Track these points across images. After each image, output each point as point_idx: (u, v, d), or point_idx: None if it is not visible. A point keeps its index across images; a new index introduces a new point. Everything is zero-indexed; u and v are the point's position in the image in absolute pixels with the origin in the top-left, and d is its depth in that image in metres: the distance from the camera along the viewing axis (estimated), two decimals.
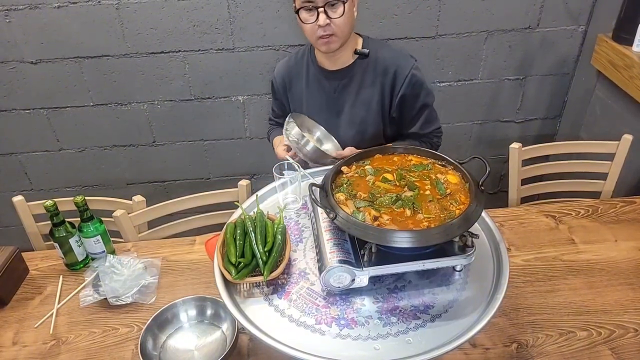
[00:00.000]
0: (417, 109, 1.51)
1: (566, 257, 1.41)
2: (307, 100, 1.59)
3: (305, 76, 1.57)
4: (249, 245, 1.02)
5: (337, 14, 1.33)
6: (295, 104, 1.63)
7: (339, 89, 1.53)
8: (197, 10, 1.99)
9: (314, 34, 1.37)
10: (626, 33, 1.84)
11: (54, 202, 1.34)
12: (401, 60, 1.47)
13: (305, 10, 1.34)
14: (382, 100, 1.50)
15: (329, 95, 1.55)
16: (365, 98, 1.51)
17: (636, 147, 1.81)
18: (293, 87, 1.61)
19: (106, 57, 2.06)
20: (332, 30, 1.35)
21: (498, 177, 2.61)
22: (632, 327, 1.20)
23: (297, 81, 1.59)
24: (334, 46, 1.39)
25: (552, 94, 2.35)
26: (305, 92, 1.58)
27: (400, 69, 1.46)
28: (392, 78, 1.47)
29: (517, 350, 1.15)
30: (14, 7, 1.91)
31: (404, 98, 1.48)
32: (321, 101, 1.57)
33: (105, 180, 2.42)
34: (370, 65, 1.48)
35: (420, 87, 1.49)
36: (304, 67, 1.57)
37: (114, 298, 1.30)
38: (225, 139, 2.33)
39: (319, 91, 1.56)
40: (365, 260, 0.93)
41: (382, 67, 1.47)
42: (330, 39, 1.37)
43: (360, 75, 1.49)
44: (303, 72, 1.57)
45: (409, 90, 1.47)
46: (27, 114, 2.18)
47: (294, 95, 1.62)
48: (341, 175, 1.09)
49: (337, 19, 1.33)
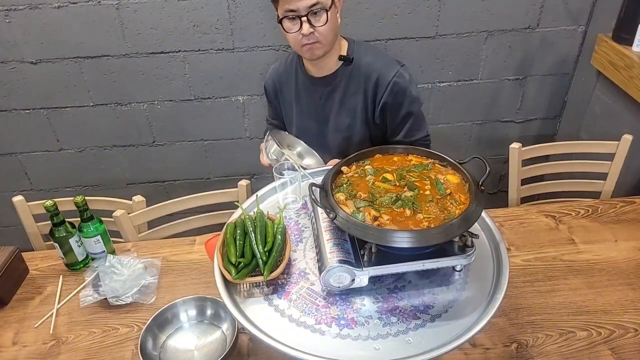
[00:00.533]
0: (400, 117, 1.48)
1: (566, 257, 1.41)
2: (297, 106, 1.59)
3: (295, 82, 1.57)
4: (249, 245, 1.02)
5: (320, 22, 1.32)
6: (286, 109, 1.63)
7: (324, 95, 1.52)
8: (197, 10, 1.99)
9: (297, 43, 1.36)
10: (626, 33, 1.84)
11: (54, 202, 1.34)
12: (384, 66, 1.44)
13: (288, 20, 1.33)
14: (366, 108, 1.49)
15: (316, 102, 1.54)
16: (350, 105, 1.50)
17: (636, 147, 1.81)
18: (284, 93, 1.61)
19: (106, 57, 2.06)
20: (316, 38, 1.34)
21: (498, 177, 2.61)
22: (632, 327, 1.20)
23: (287, 87, 1.59)
24: (318, 52, 1.38)
25: (552, 94, 2.35)
26: (295, 99, 1.58)
27: (382, 76, 1.43)
28: (374, 85, 1.44)
29: (517, 350, 1.15)
30: (14, 7, 1.91)
31: (386, 106, 1.46)
32: (309, 108, 1.56)
33: (105, 180, 2.42)
34: (355, 72, 1.46)
35: (403, 95, 1.44)
36: (293, 74, 1.57)
37: (114, 298, 1.30)
38: (225, 139, 2.33)
39: (307, 98, 1.56)
40: (365, 260, 0.93)
41: (365, 74, 1.45)
42: (314, 46, 1.36)
43: (345, 81, 1.48)
44: (292, 79, 1.57)
45: (391, 99, 1.44)
46: (27, 114, 2.18)
47: (285, 101, 1.62)
48: (341, 175, 1.09)
49: (320, 27, 1.33)
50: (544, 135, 2.49)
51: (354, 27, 2.05)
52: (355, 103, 1.49)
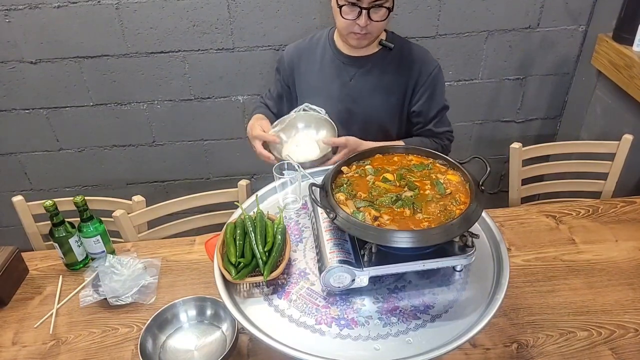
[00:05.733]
0: (434, 107, 1.52)
1: (566, 257, 1.41)
2: (317, 85, 1.55)
3: (320, 60, 1.54)
4: (249, 245, 1.02)
5: (378, 17, 1.33)
6: (302, 86, 1.59)
7: (356, 76, 1.51)
8: (197, 10, 1.98)
9: (347, 28, 1.36)
10: (626, 33, 1.84)
11: (53, 202, 1.34)
12: (426, 58, 1.50)
13: (347, 7, 1.33)
14: (405, 93, 1.51)
15: (343, 82, 1.52)
16: (387, 88, 1.50)
17: (636, 147, 1.81)
18: (302, 70, 1.57)
19: (106, 57, 2.06)
20: (369, 30, 1.35)
21: (498, 177, 2.61)
22: (633, 327, 1.20)
23: (307, 64, 1.56)
24: (365, 43, 1.41)
25: (553, 94, 2.35)
26: (317, 77, 1.55)
27: (426, 65, 1.48)
28: (418, 73, 1.48)
29: (517, 350, 1.15)
30: (14, 7, 1.91)
31: (426, 94, 1.50)
32: (333, 87, 1.53)
33: (105, 180, 2.42)
34: (395, 58, 1.49)
35: (442, 87, 1.52)
36: (318, 50, 1.55)
37: (114, 298, 1.30)
38: (225, 139, 2.33)
39: (333, 77, 1.53)
40: (365, 260, 0.93)
41: (407, 61, 1.48)
42: (364, 37, 1.38)
43: (383, 65, 1.49)
44: (317, 56, 1.55)
45: (432, 88, 1.49)
46: (27, 114, 2.18)
47: (302, 78, 1.58)
48: (341, 175, 1.09)
49: (377, 22, 1.34)
50: (545, 135, 2.48)
51: None
52: (392, 87, 1.50)
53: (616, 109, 2.03)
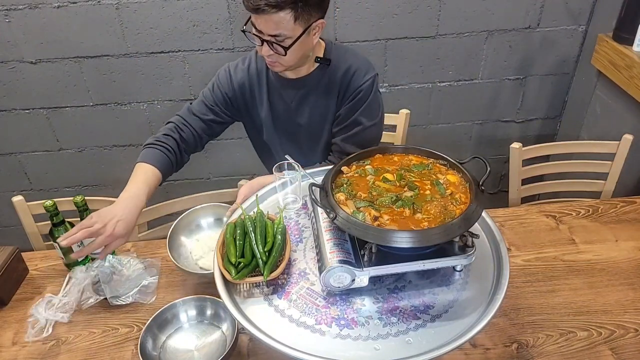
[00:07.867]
0: (354, 122, 1.41)
1: (566, 257, 1.40)
2: (267, 112, 1.49)
3: (266, 86, 1.46)
4: (249, 245, 1.02)
5: (280, 51, 1.23)
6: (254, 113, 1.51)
7: (296, 99, 1.44)
8: (197, 10, 1.98)
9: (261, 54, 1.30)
10: (626, 33, 1.84)
11: (53, 202, 1.34)
12: (361, 69, 1.38)
13: (251, 35, 1.26)
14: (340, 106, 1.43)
15: (288, 106, 1.46)
16: (327, 106, 1.43)
17: (636, 147, 1.81)
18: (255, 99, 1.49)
19: (106, 57, 2.06)
20: (276, 59, 1.27)
21: (498, 177, 2.61)
22: (633, 327, 1.20)
23: (258, 92, 1.48)
24: (280, 69, 1.33)
25: (553, 94, 2.35)
26: (267, 104, 1.48)
27: (356, 78, 1.37)
28: (347, 85, 1.39)
29: (518, 350, 1.15)
30: (14, 7, 1.91)
31: (348, 105, 1.40)
32: (279, 112, 1.48)
33: (105, 180, 2.42)
34: (332, 73, 1.39)
35: (373, 104, 1.40)
36: (263, 76, 1.46)
37: (114, 298, 1.30)
38: (225, 139, 2.33)
39: (279, 101, 1.46)
40: (365, 260, 0.93)
41: (341, 73, 1.38)
42: (274, 64, 1.31)
43: (320, 83, 1.41)
44: (264, 82, 1.46)
45: (354, 99, 1.39)
46: (27, 114, 2.18)
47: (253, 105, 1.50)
48: (341, 175, 1.09)
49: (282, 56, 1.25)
50: (545, 135, 2.49)
51: (354, 27, 2.05)
52: (330, 104, 1.43)
53: (616, 109, 2.03)
